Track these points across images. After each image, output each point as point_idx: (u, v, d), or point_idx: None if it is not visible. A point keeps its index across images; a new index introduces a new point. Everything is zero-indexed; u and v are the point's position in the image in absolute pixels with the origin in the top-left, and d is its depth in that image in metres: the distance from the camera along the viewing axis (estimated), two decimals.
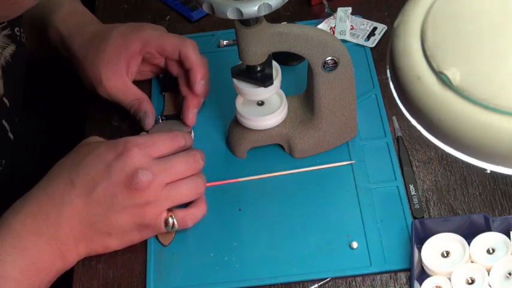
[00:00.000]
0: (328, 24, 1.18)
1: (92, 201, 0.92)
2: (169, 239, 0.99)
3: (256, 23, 0.92)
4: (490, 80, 0.64)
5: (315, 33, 0.95)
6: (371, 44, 1.17)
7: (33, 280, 0.90)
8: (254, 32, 0.92)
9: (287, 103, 1.03)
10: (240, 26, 0.92)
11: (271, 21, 0.94)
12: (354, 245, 0.96)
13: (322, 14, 1.21)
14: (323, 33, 0.96)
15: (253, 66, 0.97)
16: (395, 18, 0.73)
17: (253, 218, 1.00)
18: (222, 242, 0.98)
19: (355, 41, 1.17)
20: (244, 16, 0.88)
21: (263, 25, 0.92)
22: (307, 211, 1.00)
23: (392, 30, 0.72)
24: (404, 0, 0.73)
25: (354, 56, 0.99)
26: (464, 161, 0.67)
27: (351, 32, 1.17)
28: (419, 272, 0.92)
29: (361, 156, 1.05)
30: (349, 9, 1.19)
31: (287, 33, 0.94)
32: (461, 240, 0.92)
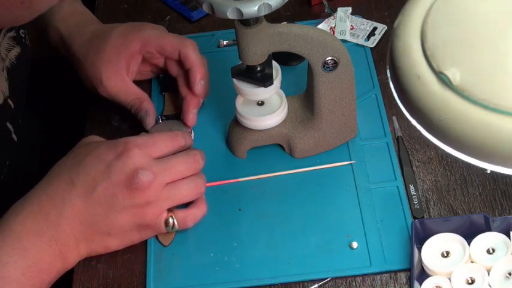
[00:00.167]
0: (328, 24, 1.18)
1: (92, 201, 0.92)
2: (169, 239, 0.99)
3: (256, 23, 0.92)
4: (490, 80, 0.64)
5: (315, 33, 0.95)
6: (371, 44, 1.17)
7: (34, 281, 0.90)
8: (254, 32, 0.92)
9: (287, 103, 1.03)
10: (240, 26, 0.92)
11: (271, 21, 0.94)
12: (354, 245, 0.96)
13: (322, 14, 1.21)
14: (323, 33, 0.96)
15: (253, 66, 0.97)
16: (395, 18, 0.73)
17: (253, 218, 1.00)
18: (222, 242, 0.98)
19: (355, 41, 1.17)
20: (244, 16, 0.88)
21: (263, 25, 0.92)
22: (307, 211, 1.00)
23: (392, 30, 0.72)
24: (404, 0, 0.73)
25: (354, 56, 0.99)
26: (464, 161, 0.67)
27: (351, 32, 1.17)
28: (419, 272, 0.92)
29: (361, 156, 1.05)
30: (349, 9, 1.19)
31: (287, 33, 0.94)
32: (461, 240, 0.92)
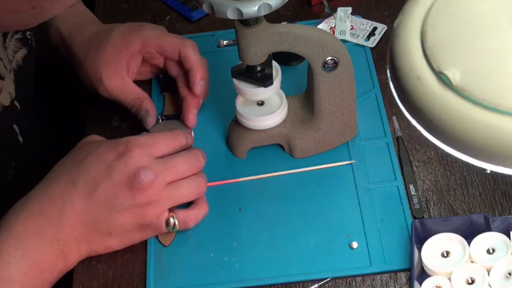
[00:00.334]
0: (328, 24, 1.18)
1: (94, 201, 0.92)
2: (169, 240, 0.99)
3: (256, 23, 0.92)
4: (490, 80, 0.64)
5: (315, 33, 0.95)
6: (371, 44, 1.16)
7: (36, 281, 0.90)
8: (254, 32, 0.92)
9: (287, 103, 1.03)
10: (240, 26, 0.92)
11: (271, 21, 0.94)
12: (354, 245, 0.96)
13: (322, 14, 1.20)
14: (323, 33, 0.96)
15: (253, 66, 0.97)
16: (395, 18, 0.73)
17: (253, 218, 1.00)
18: (222, 242, 0.98)
19: (355, 41, 1.17)
20: (244, 16, 0.88)
21: (263, 25, 0.92)
22: (307, 211, 1.00)
23: (392, 30, 0.72)
24: (404, 0, 0.73)
25: (354, 56, 0.99)
26: (464, 161, 0.67)
27: (351, 32, 1.17)
28: (419, 272, 0.92)
29: (361, 156, 1.05)
30: (349, 9, 1.19)
31: (287, 33, 0.94)
32: (461, 240, 0.92)
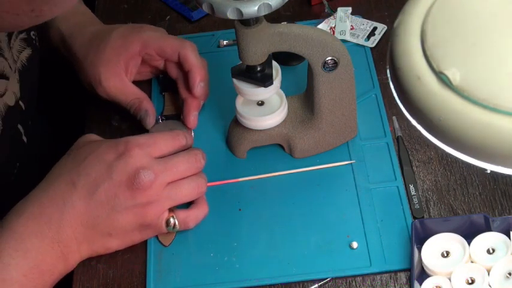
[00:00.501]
0: (328, 24, 1.18)
1: (94, 202, 0.92)
2: (169, 240, 0.99)
3: (256, 23, 0.92)
4: (490, 80, 0.64)
5: (315, 33, 0.95)
6: (371, 44, 1.16)
7: (36, 283, 0.90)
8: (254, 32, 0.92)
9: (287, 103, 1.03)
10: (240, 26, 0.92)
11: (271, 21, 0.94)
12: (354, 245, 0.96)
13: (322, 14, 1.20)
14: (323, 33, 0.96)
15: (253, 66, 0.97)
16: (395, 18, 0.73)
17: (253, 218, 1.00)
18: (222, 242, 0.98)
19: (355, 41, 1.17)
20: (244, 16, 0.88)
21: (263, 25, 0.92)
22: (307, 211, 1.00)
23: (392, 30, 0.72)
24: (404, 0, 0.73)
25: (354, 56, 0.99)
26: (464, 161, 0.67)
27: (351, 32, 1.17)
28: (419, 272, 0.92)
29: (361, 156, 1.05)
30: (349, 9, 1.19)
31: (287, 33, 0.94)
32: (461, 240, 0.92)
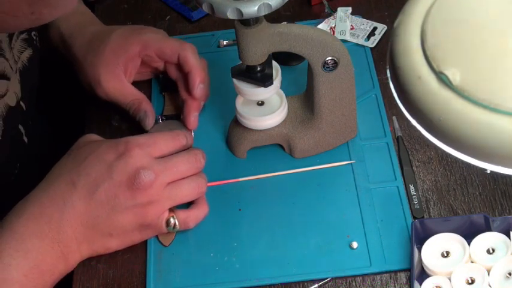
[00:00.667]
0: (328, 24, 1.18)
1: (94, 202, 0.92)
2: (169, 239, 0.99)
3: (256, 23, 0.92)
4: (490, 80, 0.64)
5: (315, 33, 0.95)
6: (371, 44, 1.16)
7: (36, 283, 0.90)
8: (254, 32, 0.92)
9: (287, 103, 1.03)
10: (240, 26, 0.92)
11: (271, 21, 0.94)
12: (354, 245, 0.96)
13: (322, 14, 1.20)
14: (323, 33, 0.96)
15: (253, 66, 0.97)
16: (395, 18, 0.72)
17: (253, 218, 1.00)
18: (222, 242, 0.98)
19: (355, 41, 1.17)
20: (244, 16, 0.88)
21: (263, 25, 0.92)
22: (307, 211, 1.00)
23: (392, 30, 0.72)
24: (404, 0, 0.73)
25: (354, 56, 0.99)
26: (464, 161, 0.67)
27: (351, 32, 1.17)
28: (419, 272, 0.92)
29: (361, 156, 1.05)
30: (349, 9, 1.19)
31: (287, 33, 0.94)
32: (461, 240, 0.92)
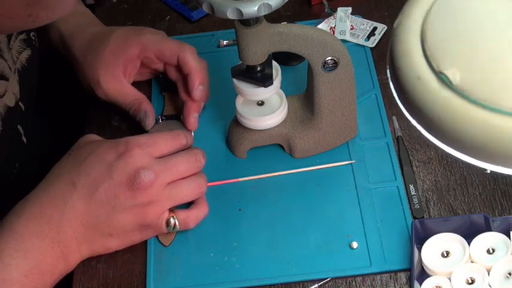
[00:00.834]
0: (328, 24, 1.18)
1: (94, 202, 0.92)
2: (169, 240, 0.99)
3: (256, 23, 0.92)
4: (490, 80, 0.64)
5: (315, 33, 0.95)
6: (371, 44, 1.16)
7: (36, 283, 0.90)
8: (254, 32, 0.92)
9: (287, 103, 1.03)
10: (240, 26, 0.92)
11: (271, 21, 0.94)
12: (354, 245, 0.96)
13: (322, 14, 1.20)
14: (323, 33, 0.96)
15: (253, 66, 0.97)
16: (395, 18, 0.72)
17: (253, 218, 1.00)
18: (222, 242, 0.98)
19: (355, 41, 1.17)
20: (244, 16, 0.88)
21: (263, 25, 0.92)
22: (307, 211, 1.00)
23: (392, 30, 0.72)
24: (404, 0, 0.73)
25: (354, 56, 0.99)
26: (464, 161, 0.67)
27: (351, 32, 1.17)
28: (419, 272, 0.92)
29: (361, 156, 1.05)
30: (349, 9, 1.19)
31: (287, 33, 0.94)
32: (461, 240, 0.92)
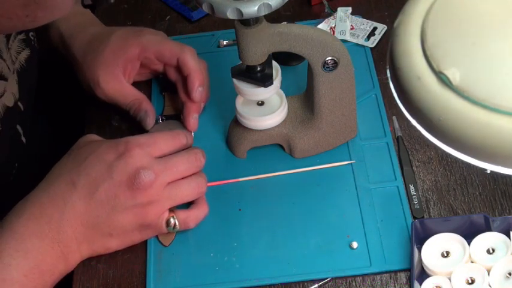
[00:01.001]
0: (328, 24, 1.18)
1: (94, 202, 0.92)
2: (169, 239, 0.99)
3: (256, 23, 0.92)
4: (490, 80, 0.64)
5: (315, 33, 0.95)
6: (371, 44, 1.16)
7: (37, 283, 0.90)
8: (254, 32, 0.92)
9: (287, 103, 1.03)
10: (240, 26, 0.92)
11: (271, 21, 0.94)
12: (354, 245, 0.96)
13: (322, 14, 1.20)
14: (323, 33, 0.96)
15: (253, 66, 0.97)
16: (395, 18, 0.73)
17: (253, 218, 1.00)
18: (222, 242, 0.98)
19: (355, 41, 1.17)
20: (244, 16, 0.88)
21: (263, 25, 0.92)
22: (307, 211, 1.00)
23: (392, 30, 0.72)
24: (404, 0, 0.73)
25: (354, 56, 0.99)
26: (464, 161, 0.67)
27: (351, 32, 1.17)
28: (419, 272, 0.92)
29: (361, 156, 1.05)
30: (349, 9, 1.19)
31: (287, 33, 0.94)
32: (461, 240, 0.92)
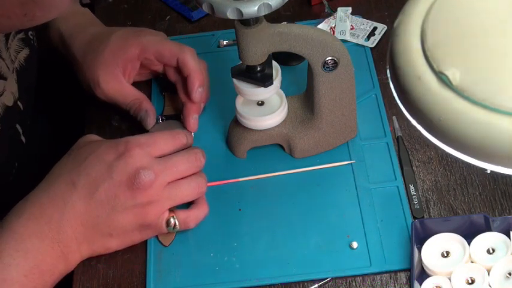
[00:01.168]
0: (328, 24, 1.18)
1: (94, 202, 0.92)
2: (169, 239, 0.99)
3: (256, 23, 0.92)
4: (490, 80, 0.64)
5: (315, 33, 0.95)
6: (371, 44, 1.16)
7: (36, 283, 0.90)
8: (254, 32, 0.92)
9: (287, 103, 1.03)
10: (240, 26, 0.92)
11: (271, 21, 0.94)
12: (354, 245, 0.96)
13: (322, 14, 1.20)
14: (323, 33, 0.96)
15: (253, 66, 0.97)
16: (395, 18, 0.73)
17: (253, 218, 1.00)
18: (222, 242, 0.98)
19: (355, 41, 1.17)
20: (244, 16, 0.88)
21: (263, 25, 0.92)
22: (307, 211, 1.00)
23: (392, 30, 0.72)
24: (404, 0, 0.73)
25: (354, 56, 0.99)
26: (464, 161, 0.67)
27: (351, 32, 1.17)
28: (419, 272, 0.92)
29: (361, 156, 1.05)
30: (349, 9, 1.18)
31: (287, 33, 0.94)
32: (461, 240, 0.92)
